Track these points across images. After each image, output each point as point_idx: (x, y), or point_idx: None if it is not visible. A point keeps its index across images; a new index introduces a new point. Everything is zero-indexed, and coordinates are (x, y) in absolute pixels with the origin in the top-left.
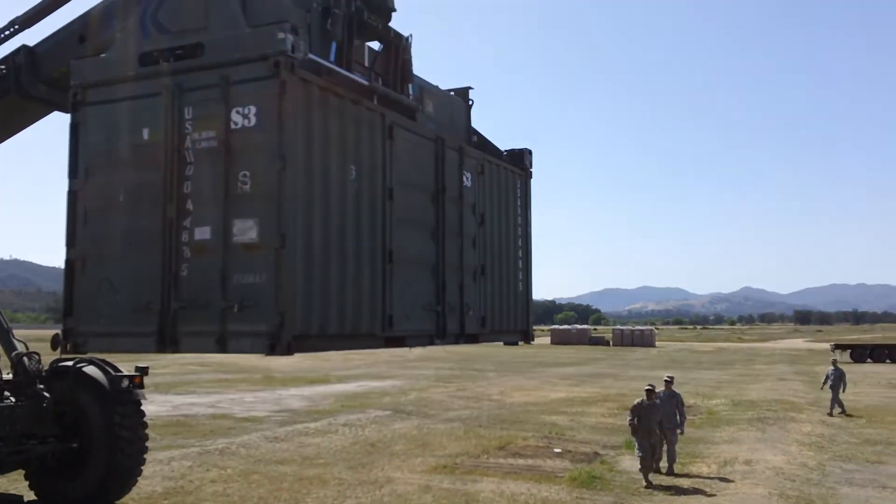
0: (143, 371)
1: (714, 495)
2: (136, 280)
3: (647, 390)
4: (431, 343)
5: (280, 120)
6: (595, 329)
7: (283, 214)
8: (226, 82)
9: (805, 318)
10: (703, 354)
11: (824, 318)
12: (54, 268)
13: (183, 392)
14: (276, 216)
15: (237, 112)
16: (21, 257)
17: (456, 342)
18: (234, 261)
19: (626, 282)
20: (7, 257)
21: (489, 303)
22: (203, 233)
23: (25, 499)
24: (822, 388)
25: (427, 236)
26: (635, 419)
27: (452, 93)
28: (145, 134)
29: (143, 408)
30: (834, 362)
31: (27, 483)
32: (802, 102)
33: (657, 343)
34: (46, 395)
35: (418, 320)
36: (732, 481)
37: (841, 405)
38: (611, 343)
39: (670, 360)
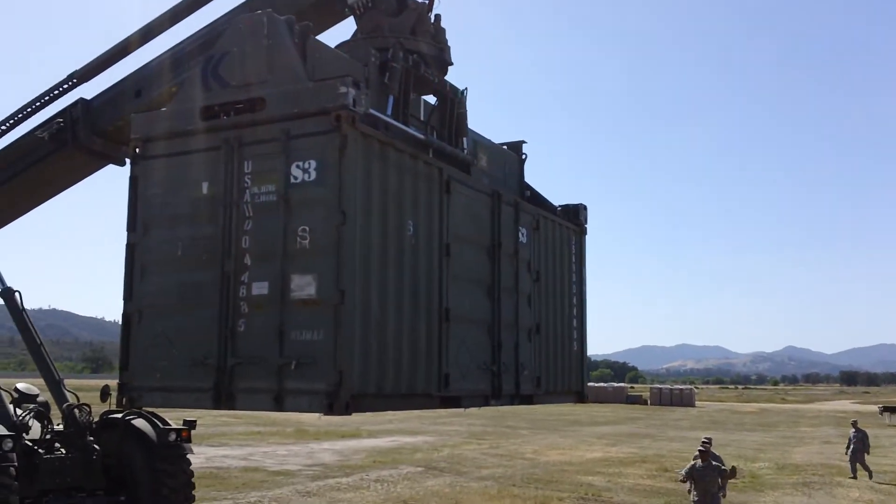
0: (191, 424)
1: None
2: (193, 334)
3: (700, 451)
4: (486, 404)
5: (340, 174)
6: (632, 387)
7: (343, 270)
8: (286, 136)
9: (851, 378)
10: (745, 415)
11: (871, 379)
12: (91, 318)
13: (216, 444)
14: (334, 272)
15: (297, 166)
16: (59, 307)
17: (511, 403)
18: (291, 317)
19: (664, 339)
20: (46, 307)
21: (544, 362)
22: (261, 288)
23: None
24: (845, 454)
25: (483, 293)
26: (690, 482)
27: (505, 146)
28: (204, 188)
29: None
30: (854, 424)
31: None
32: (854, 163)
33: (697, 403)
34: (96, 447)
35: (474, 380)
36: None
37: (867, 469)
38: (648, 402)
39: (711, 420)
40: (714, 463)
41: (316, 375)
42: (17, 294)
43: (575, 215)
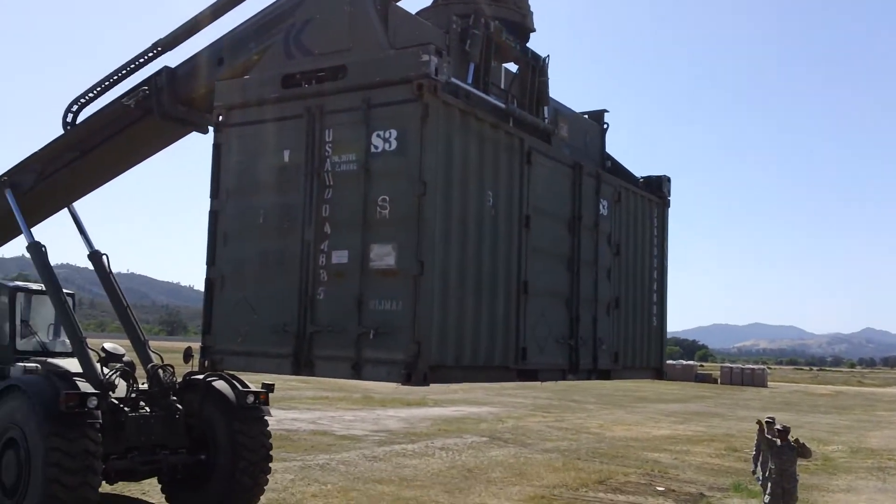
0: (270, 388)
1: None
2: (274, 301)
3: (780, 431)
4: (563, 378)
5: (421, 144)
6: (702, 365)
7: (422, 241)
8: (367, 105)
9: None
10: (819, 398)
11: None
12: (168, 282)
13: (285, 407)
14: (414, 242)
15: (378, 136)
16: (137, 271)
17: (588, 377)
18: (370, 286)
19: (737, 318)
20: (125, 271)
21: (622, 337)
22: (340, 257)
23: None
24: None
25: (562, 266)
26: (758, 455)
27: (587, 115)
28: (286, 156)
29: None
30: None
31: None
32: None
33: (769, 383)
34: (179, 406)
35: (551, 354)
36: None
37: None
38: (718, 381)
39: (784, 402)
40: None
41: (394, 345)
42: (104, 257)
43: (658, 187)
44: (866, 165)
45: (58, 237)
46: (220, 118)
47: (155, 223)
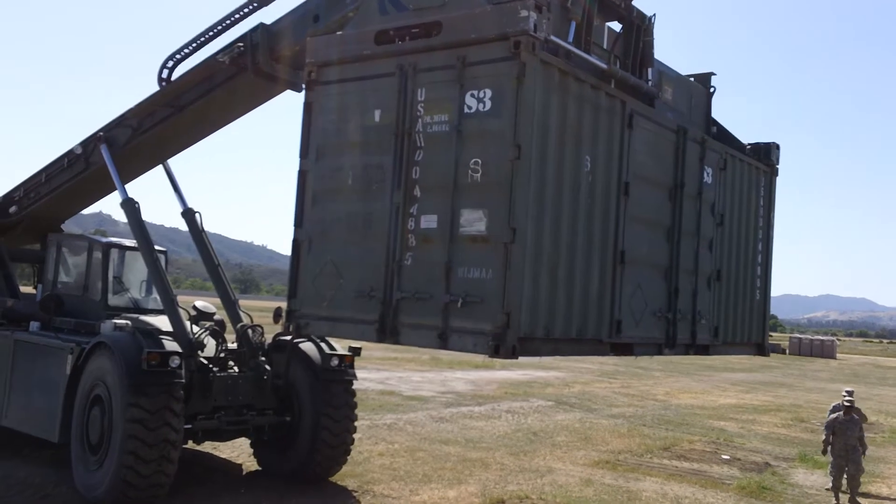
0: (356, 351)
1: None
2: (360, 266)
3: (845, 405)
4: (659, 352)
5: (517, 105)
6: (770, 336)
7: (515, 207)
8: (462, 63)
9: None
10: (889, 370)
11: None
12: (241, 241)
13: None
14: (506, 208)
15: (472, 95)
16: (211, 230)
17: (686, 353)
18: (459, 253)
19: (808, 288)
20: (183, 227)
21: (723, 312)
22: (429, 221)
23: (244, 469)
24: None
25: (661, 236)
26: (830, 435)
27: (692, 78)
28: (377, 115)
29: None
30: None
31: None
32: None
33: (838, 355)
34: (267, 367)
35: (647, 327)
36: (864, 494)
37: None
38: (787, 351)
39: (852, 373)
40: (856, 417)
41: (482, 315)
42: (197, 215)
43: (766, 155)
44: None
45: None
46: (312, 75)
47: (230, 181)
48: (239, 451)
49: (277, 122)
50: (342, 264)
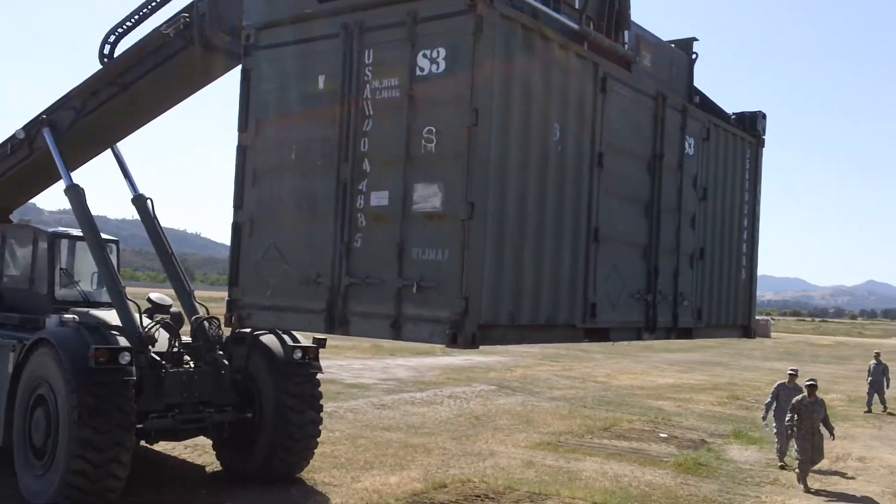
0: (321, 343)
1: (825, 490)
2: (306, 249)
3: (808, 386)
4: (639, 337)
5: (473, 65)
6: None
7: (473, 179)
8: (412, 19)
9: None
10: (821, 348)
11: None
12: (173, 229)
13: None
14: (464, 181)
15: (424, 55)
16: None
17: (667, 336)
18: (413, 232)
19: None
20: (129, 217)
21: (707, 292)
22: (380, 198)
23: (208, 469)
24: (867, 384)
25: (639, 212)
26: (794, 417)
27: (673, 45)
28: (320, 82)
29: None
30: (877, 356)
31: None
32: None
33: (773, 334)
34: (225, 362)
35: (625, 310)
36: (847, 477)
37: (884, 402)
38: None
39: (786, 351)
40: (820, 398)
41: (439, 301)
42: (149, 202)
43: (752, 124)
44: (871, 121)
45: None
46: (249, 40)
47: (156, 167)
48: (201, 451)
49: (212, 95)
50: (286, 248)
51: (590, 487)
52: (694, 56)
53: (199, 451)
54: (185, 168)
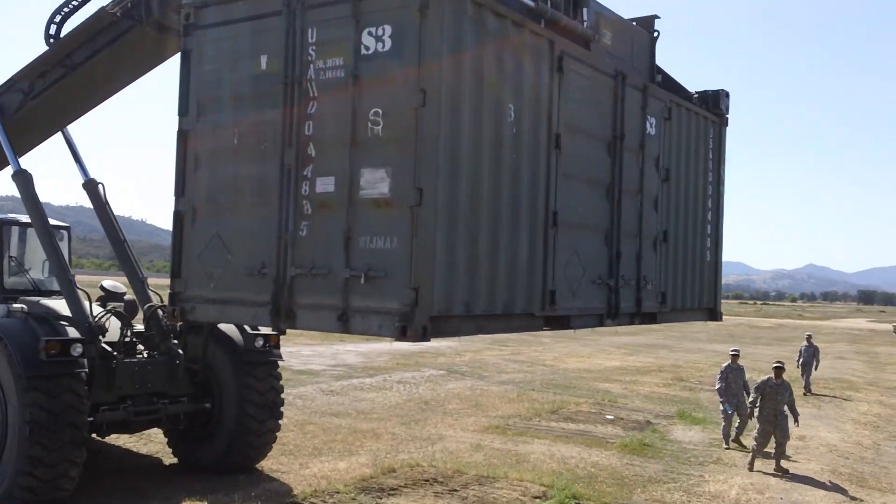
0: (281, 331)
1: (765, 470)
2: (250, 239)
3: (775, 368)
4: (601, 324)
5: (421, 42)
6: None
7: (422, 164)
8: None
9: (869, 298)
10: (762, 330)
11: (888, 299)
12: (119, 216)
13: None
14: (411, 166)
15: (369, 33)
16: (87, 204)
17: (631, 322)
18: (360, 220)
19: None
20: (73, 203)
21: (671, 276)
22: (326, 184)
23: (165, 462)
24: (797, 366)
25: (600, 195)
26: (758, 398)
27: (634, 22)
28: (263, 62)
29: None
30: (808, 338)
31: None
32: (886, 77)
33: None
34: (180, 351)
35: (586, 297)
36: (788, 457)
37: (808, 385)
38: None
39: (728, 334)
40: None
41: (388, 292)
42: (100, 186)
43: (715, 103)
44: (812, 106)
45: None
46: (189, 18)
47: (103, 152)
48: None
49: (156, 73)
50: (230, 238)
51: (537, 469)
52: (655, 34)
53: (156, 443)
54: (131, 153)
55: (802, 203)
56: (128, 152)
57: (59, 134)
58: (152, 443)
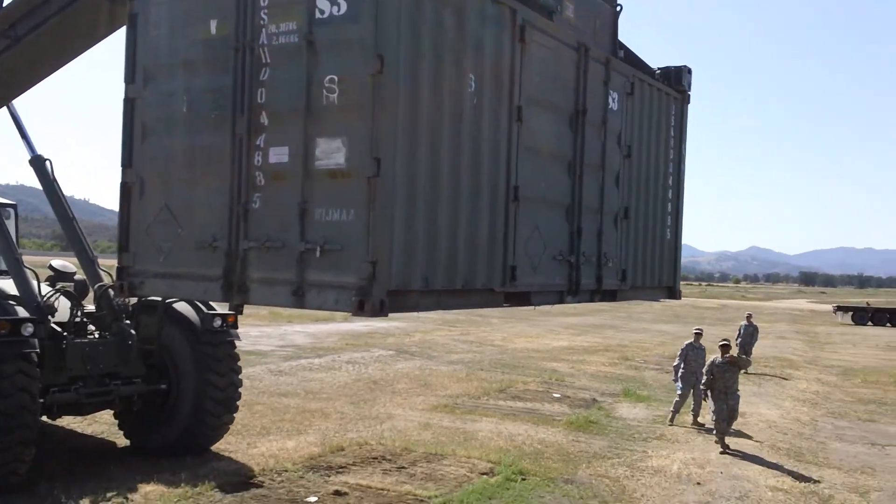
0: (239, 309)
1: (710, 444)
2: (201, 211)
3: (721, 346)
4: (561, 300)
5: (379, 6)
6: None
7: (380, 133)
8: None
9: (810, 279)
10: (707, 310)
11: (829, 281)
12: None
13: None
14: (369, 135)
15: None
16: (27, 183)
17: (591, 299)
18: (316, 191)
19: None
20: (13, 182)
21: (632, 253)
22: (280, 154)
23: (118, 445)
24: (736, 345)
25: (561, 170)
26: (711, 379)
27: None
28: (212, 27)
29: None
30: (748, 317)
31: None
32: (824, 63)
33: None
34: (132, 332)
35: (547, 273)
36: (731, 434)
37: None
38: None
39: (673, 314)
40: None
41: (345, 266)
42: (47, 163)
43: (677, 79)
44: (755, 91)
45: None
46: None
47: (43, 128)
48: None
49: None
50: (180, 210)
51: (485, 447)
52: (618, 8)
53: (101, 424)
54: (68, 127)
55: (746, 186)
56: (65, 126)
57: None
58: (97, 423)
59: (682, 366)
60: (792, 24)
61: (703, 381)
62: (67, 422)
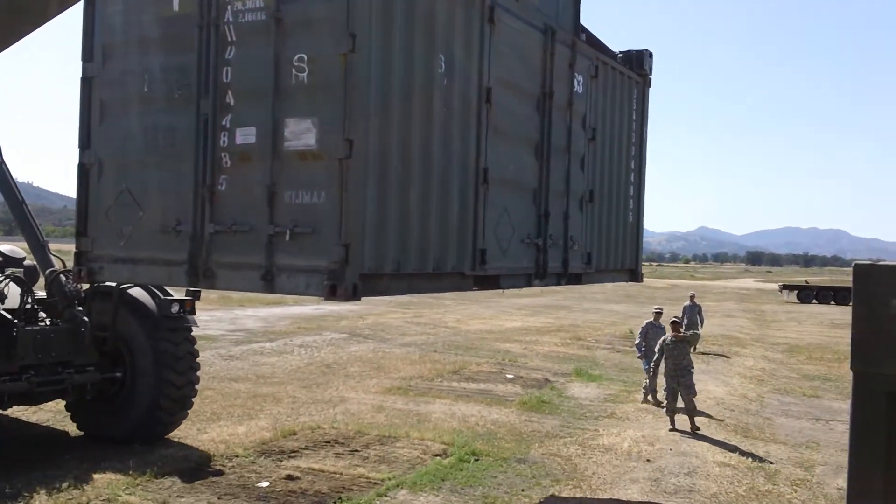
0: (196, 295)
1: (654, 423)
2: (164, 194)
3: (672, 323)
4: (529, 284)
5: None
6: None
7: (351, 114)
8: None
9: (757, 259)
10: (657, 290)
11: (775, 260)
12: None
13: None
14: (340, 116)
15: None
16: None
17: (557, 283)
18: (285, 174)
19: None
20: None
21: (596, 236)
22: (247, 135)
23: (71, 434)
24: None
25: (529, 153)
26: (661, 357)
27: None
28: (175, 3)
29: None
30: (691, 297)
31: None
32: (771, 43)
33: None
34: (85, 318)
35: (515, 256)
36: (679, 409)
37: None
38: None
39: (625, 294)
40: (686, 333)
41: (316, 249)
42: None
43: (639, 63)
44: (705, 71)
45: None
46: None
47: None
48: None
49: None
50: (141, 193)
51: (438, 428)
52: None
53: (46, 412)
54: (15, 109)
55: (695, 167)
56: (7, 105)
57: None
58: (42, 411)
59: (643, 344)
60: (737, 3)
61: (653, 360)
62: (13, 410)
